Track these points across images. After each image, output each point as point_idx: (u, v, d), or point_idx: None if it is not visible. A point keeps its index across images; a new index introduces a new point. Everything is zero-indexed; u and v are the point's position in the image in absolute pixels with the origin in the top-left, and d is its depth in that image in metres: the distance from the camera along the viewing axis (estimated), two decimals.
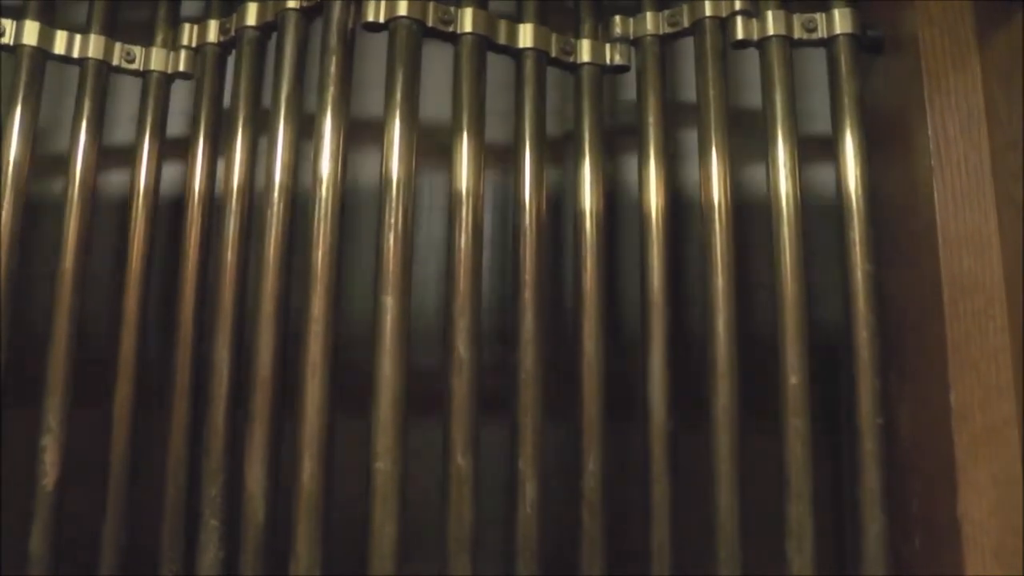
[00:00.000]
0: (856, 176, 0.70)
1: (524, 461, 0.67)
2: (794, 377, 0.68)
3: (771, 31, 0.73)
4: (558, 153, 0.80)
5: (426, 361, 0.74)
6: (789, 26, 0.73)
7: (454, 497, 0.65)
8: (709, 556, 0.67)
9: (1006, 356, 0.62)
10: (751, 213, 0.76)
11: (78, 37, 0.76)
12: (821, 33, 0.73)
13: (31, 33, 0.74)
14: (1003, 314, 0.62)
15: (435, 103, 0.76)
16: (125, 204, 0.77)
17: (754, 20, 0.73)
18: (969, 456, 0.61)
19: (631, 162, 0.77)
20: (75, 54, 0.76)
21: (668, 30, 0.75)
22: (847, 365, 0.69)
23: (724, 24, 0.74)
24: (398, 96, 0.69)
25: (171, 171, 0.80)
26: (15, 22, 0.74)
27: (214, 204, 0.76)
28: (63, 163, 0.75)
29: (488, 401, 0.68)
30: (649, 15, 0.76)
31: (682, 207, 0.78)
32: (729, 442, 0.67)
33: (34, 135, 0.73)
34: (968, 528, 0.60)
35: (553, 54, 0.75)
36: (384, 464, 0.64)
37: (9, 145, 0.72)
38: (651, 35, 0.76)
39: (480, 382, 0.67)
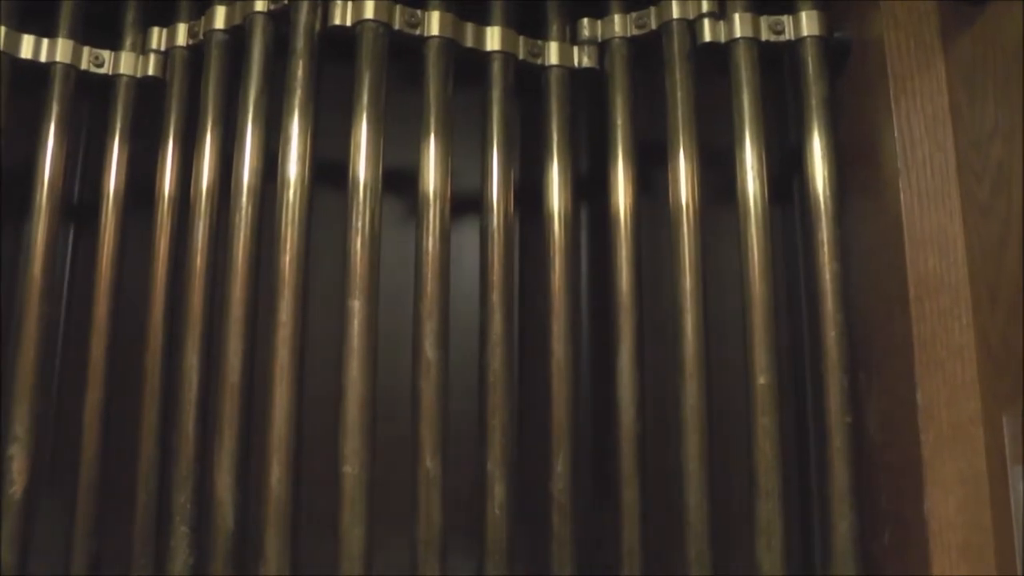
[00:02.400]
0: (824, 177, 0.71)
1: (493, 462, 0.67)
2: (762, 377, 0.68)
3: (738, 33, 0.73)
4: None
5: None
6: (756, 28, 0.73)
7: (423, 499, 0.65)
8: (679, 555, 0.67)
9: (971, 354, 0.62)
10: (719, 214, 0.76)
11: (45, 41, 0.76)
12: (788, 35, 0.74)
13: None
14: (968, 313, 0.63)
15: None
16: (95, 208, 0.76)
17: (721, 22, 0.73)
18: (936, 453, 0.61)
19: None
20: (43, 58, 0.76)
21: (636, 32, 0.76)
22: (815, 364, 0.69)
23: (692, 26, 0.74)
24: (364, 99, 0.69)
25: (141, 174, 0.79)
26: None
27: (184, 208, 0.75)
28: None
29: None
30: (617, 17, 0.76)
31: (651, 208, 0.78)
32: (698, 441, 0.68)
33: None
34: (935, 525, 0.60)
35: (521, 56, 0.75)
36: (352, 467, 0.64)
37: None
38: (619, 37, 0.76)
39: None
